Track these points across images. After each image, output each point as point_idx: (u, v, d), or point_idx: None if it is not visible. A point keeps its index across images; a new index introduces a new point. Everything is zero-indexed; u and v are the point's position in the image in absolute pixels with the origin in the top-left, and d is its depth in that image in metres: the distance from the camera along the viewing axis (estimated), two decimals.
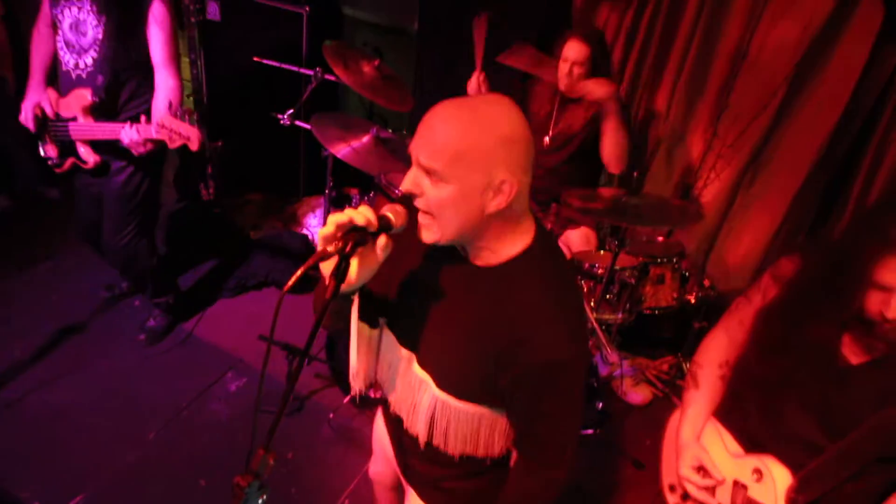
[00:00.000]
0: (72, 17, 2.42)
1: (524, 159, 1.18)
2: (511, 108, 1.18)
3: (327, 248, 1.15)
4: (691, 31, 3.25)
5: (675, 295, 2.90)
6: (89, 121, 2.49)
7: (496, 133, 1.14)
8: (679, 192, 3.51)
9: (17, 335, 3.00)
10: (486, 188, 1.15)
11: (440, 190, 1.16)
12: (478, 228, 1.22)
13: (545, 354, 1.20)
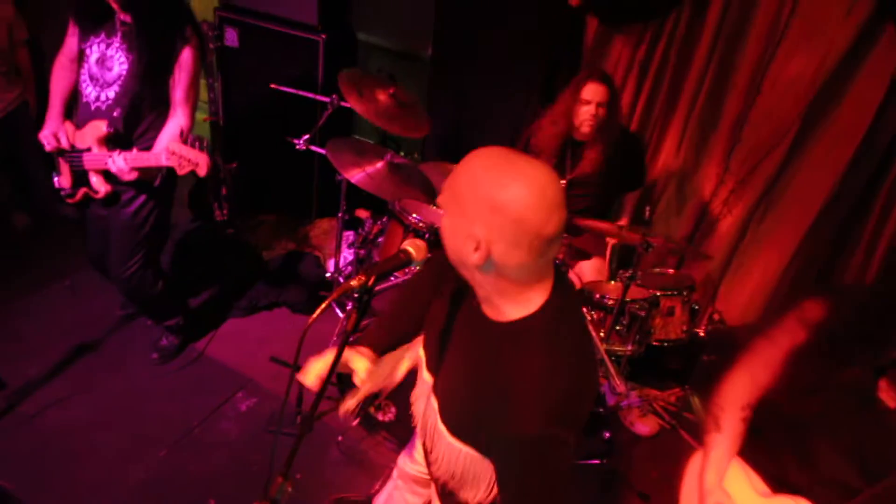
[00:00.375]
0: (99, 52, 2.49)
1: (510, 234, 1.15)
2: (529, 185, 1.14)
3: (351, 282, 1.21)
4: (705, 65, 3.28)
5: (685, 328, 2.91)
6: (103, 151, 2.54)
7: (492, 193, 1.14)
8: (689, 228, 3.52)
9: (33, 352, 3.04)
10: (468, 237, 1.18)
11: (448, 218, 1.25)
12: (471, 274, 1.26)
13: (513, 427, 1.18)
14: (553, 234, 1.16)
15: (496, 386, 1.22)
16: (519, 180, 1.14)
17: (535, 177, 1.15)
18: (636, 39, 3.43)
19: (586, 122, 2.93)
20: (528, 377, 1.19)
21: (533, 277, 1.23)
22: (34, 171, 3.85)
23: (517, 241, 1.15)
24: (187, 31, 2.48)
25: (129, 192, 2.66)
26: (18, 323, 3.21)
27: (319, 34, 3.72)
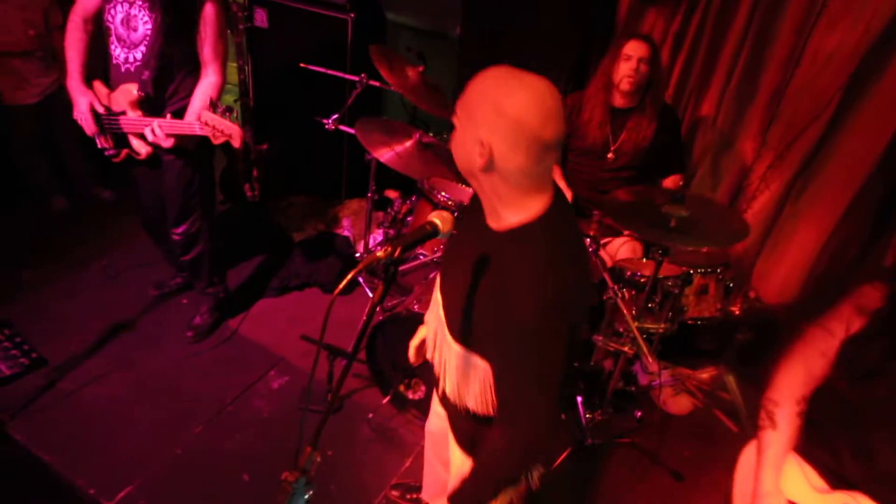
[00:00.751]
0: (123, 13, 2.49)
1: (511, 136, 1.25)
2: (530, 91, 1.25)
3: (377, 253, 1.21)
4: (742, 36, 3.19)
5: (719, 306, 2.85)
6: (138, 114, 2.57)
7: (496, 98, 1.25)
8: (726, 201, 3.45)
9: (73, 331, 3.12)
10: (474, 142, 1.28)
11: (455, 128, 1.34)
12: (478, 183, 1.36)
13: (512, 317, 1.28)
14: (550, 139, 1.26)
15: (497, 285, 1.32)
16: (521, 87, 1.26)
17: (536, 86, 1.26)
18: (670, 11, 3.35)
19: (627, 77, 2.88)
20: (526, 273, 1.28)
21: (532, 184, 1.32)
22: (71, 154, 3.94)
23: (516, 143, 1.25)
24: None
25: (170, 155, 2.70)
26: (58, 302, 3.29)
27: (348, 13, 3.70)
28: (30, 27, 3.42)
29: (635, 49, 2.85)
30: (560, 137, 1.28)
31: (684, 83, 3.46)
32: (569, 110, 3.14)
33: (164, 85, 2.59)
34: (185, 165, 2.75)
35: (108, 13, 2.53)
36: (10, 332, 3.01)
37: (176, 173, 2.76)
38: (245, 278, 3.66)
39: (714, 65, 3.33)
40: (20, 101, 3.56)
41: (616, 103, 3.00)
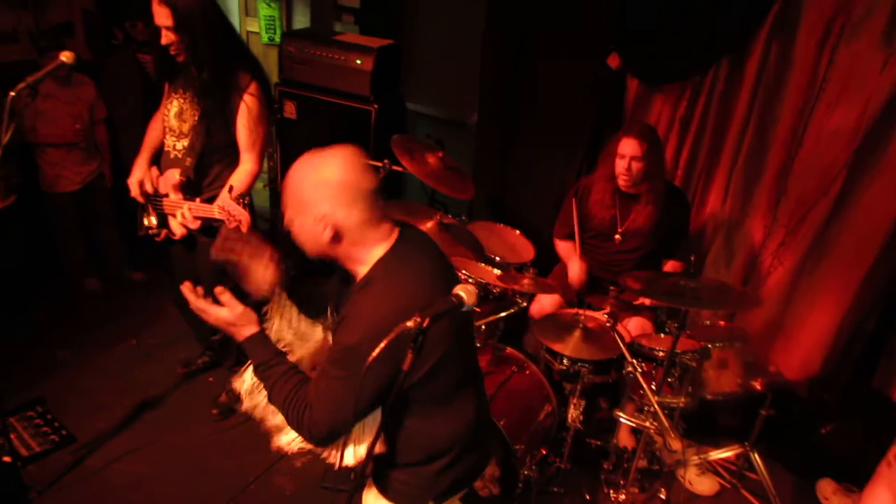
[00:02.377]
0: (177, 107, 2.73)
1: (344, 196, 1.49)
2: (335, 158, 1.51)
3: (407, 323, 1.28)
4: (745, 119, 3.33)
5: (740, 380, 2.86)
6: (178, 197, 2.74)
7: (315, 176, 1.49)
8: (740, 279, 3.50)
9: (102, 407, 3.19)
10: (315, 223, 1.51)
11: (291, 224, 1.57)
12: (332, 253, 1.59)
13: (342, 337, 1.51)
14: (372, 186, 1.53)
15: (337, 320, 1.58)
16: (331, 157, 1.51)
17: (341, 152, 1.52)
18: (676, 97, 3.52)
19: (621, 175, 3.01)
20: (360, 305, 1.53)
21: (375, 233, 1.58)
22: (107, 237, 4.12)
23: (350, 201, 1.50)
24: (250, 82, 2.64)
25: (204, 237, 2.82)
26: (89, 380, 3.37)
27: (372, 104, 3.93)
28: (76, 121, 3.67)
29: (627, 147, 2.96)
30: (377, 183, 1.55)
31: (693, 165, 3.59)
32: (580, 192, 3.27)
33: (204, 172, 2.77)
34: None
35: (165, 107, 2.78)
36: (43, 410, 3.09)
37: (207, 256, 2.88)
38: None
39: (720, 146, 3.46)
40: (63, 189, 3.78)
41: (622, 188, 3.12)
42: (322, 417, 1.57)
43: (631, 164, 2.96)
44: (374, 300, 1.54)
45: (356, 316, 1.52)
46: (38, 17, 3.84)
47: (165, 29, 2.49)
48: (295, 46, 4.03)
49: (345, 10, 4.58)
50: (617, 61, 3.56)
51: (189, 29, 2.48)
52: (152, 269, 4.25)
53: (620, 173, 3.01)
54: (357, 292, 1.58)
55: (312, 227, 1.52)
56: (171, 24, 2.46)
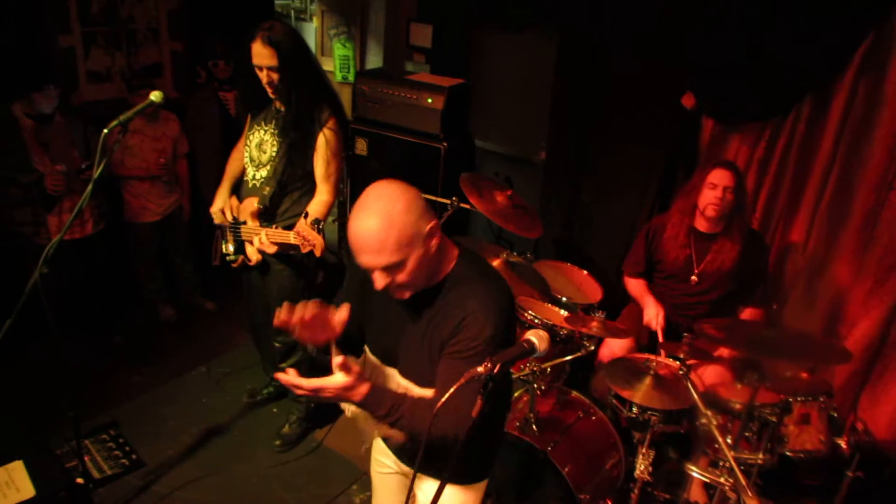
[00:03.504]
0: (258, 138, 2.85)
1: (423, 202, 1.52)
2: (391, 187, 1.50)
3: (478, 369, 1.26)
4: (829, 162, 3.19)
5: (823, 437, 2.68)
6: (255, 224, 2.85)
7: (399, 211, 1.46)
8: (823, 327, 3.32)
9: (171, 433, 3.27)
10: (424, 240, 1.50)
11: (402, 270, 1.50)
12: (432, 268, 1.58)
13: (479, 330, 1.52)
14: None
15: (447, 320, 1.56)
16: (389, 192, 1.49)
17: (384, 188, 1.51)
18: (755, 137, 3.41)
19: (711, 205, 2.92)
20: (468, 299, 1.56)
21: (444, 241, 1.61)
22: (182, 267, 4.28)
23: (426, 218, 1.51)
24: (329, 117, 2.75)
25: (279, 264, 2.93)
26: (160, 406, 3.47)
27: (441, 142, 3.97)
28: (161, 155, 3.85)
29: (721, 178, 2.90)
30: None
31: (771, 208, 3.45)
32: (653, 232, 3.19)
33: (280, 201, 2.88)
34: (289, 276, 2.97)
35: (247, 138, 2.90)
36: (115, 434, 3.19)
37: (280, 282, 2.98)
38: None
39: (802, 189, 3.32)
40: (145, 220, 3.96)
41: (700, 227, 3.03)
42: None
43: (725, 194, 2.90)
44: (483, 289, 1.58)
45: (479, 309, 1.54)
46: (130, 58, 4.08)
47: (268, 69, 2.62)
48: (368, 86, 4.14)
49: (417, 49, 4.68)
50: (692, 101, 3.49)
51: (291, 69, 2.62)
52: (224, 299, 4.38)
53: (711, 203, 2.93)
54: (450, 292, 1.60)
55: (425, 250, 1.52)
56: (275, 65, 2.61)
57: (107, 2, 3.88)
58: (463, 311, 1.55)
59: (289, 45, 2.59)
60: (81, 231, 3.63)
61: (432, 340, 1.60)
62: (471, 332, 1.53)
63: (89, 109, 3.83)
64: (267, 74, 2.64)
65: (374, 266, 1.50)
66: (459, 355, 1.54)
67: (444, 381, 1.55)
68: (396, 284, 1.54)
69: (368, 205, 1.48)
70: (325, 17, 5.42)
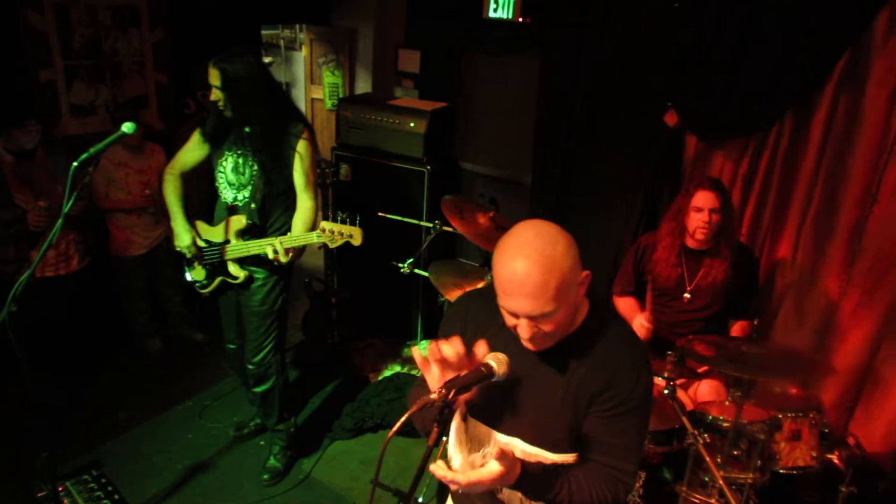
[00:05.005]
0: (233, 162, 2.88)
1: (577, 248, 1.39)
2: (550, 228, 1.38)
3: (431, 396, 1.22)
4: (813, 176, 3.18)
5: (815, 454, 2.63)
6: (241, 242, 2.88)
7: (560, 255, 1.34)
8: (813, 341, 3.27)
9: (155, 471, 3.21)
10: (578, 288, 1.40)
11: (552, 320, 1.37)
12: (573, 316, 1.47)
13: (636, 381, 1.45)
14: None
15: (592, 377, 1.46)
16: (548, 234, 1.37)
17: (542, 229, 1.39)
18: (738, 153, 3.40)
19: (700, 229, 2.91)
20: (616, 352, 1.47)
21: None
22: (170, 299, 4.25)
23: (577, 258, 1.39)
24: (301, 129, 2.83)
25: (259, 279, 2.97)
26: (144, 443, 3.42)
27: (425, 165, 3.97)
28: (146, 188, 3.85)
29: (705, 200, 2.88)
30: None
31: (758, 223, 3.43)
32: (641, 251, 3.17)
33: (266, 216, 2.92)
34: (270, 290, 3.00)
35: (219, 165, 2.92)
36: (97, 474, 3.11)
37: (260, 298, 3.00)
38: (320, 419, 3.71)
39: (787, 203, 3.30)
40: (131, 253, 3.94)
41: (690, 245, 3.01)
42: (638, 459, 1.55)
43: (711, 216, 2.88)
44: (629, 338, 1.54)
45: (630, 359, 1.47)
46: (115, 90, 4.10)
47: (214, 87, 2.72)
48: (350, 111, 4.15)
49: (405, 75, 4.71)
50: (674, 118, 3.49)
51: (235, 89, 2.69)
52: (214, 330, 4.33)
53: (699, 227, 2.91)
54: (594, 342, 1.49)
55: (575, 298, 1.42)
56: (219, 84, 2.70)
57: (89, 35, 3.89)
58: (614, 363, 1.46)
59: (234, 68, 2.67)
60: (67, 267, 3.61)
61: (578, 396, 1.48)
62: (627, 384, 1.44)
63: (73, 143, 3.83)
64: (214, 92, 2.73)
65: (525, 313, 1.36)
66: (618, 409, 1.45)
67: (607, 441, 1.48)
68: (542, 334, 1.40)
69: (525, 244, 1.35)
70: (314, 46, 5.47)
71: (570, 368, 1.49)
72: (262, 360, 3.08)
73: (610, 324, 1.53)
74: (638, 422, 1.49)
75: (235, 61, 2.68)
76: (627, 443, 1.49)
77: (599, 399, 1.46)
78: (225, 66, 2.67)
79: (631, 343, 1.52)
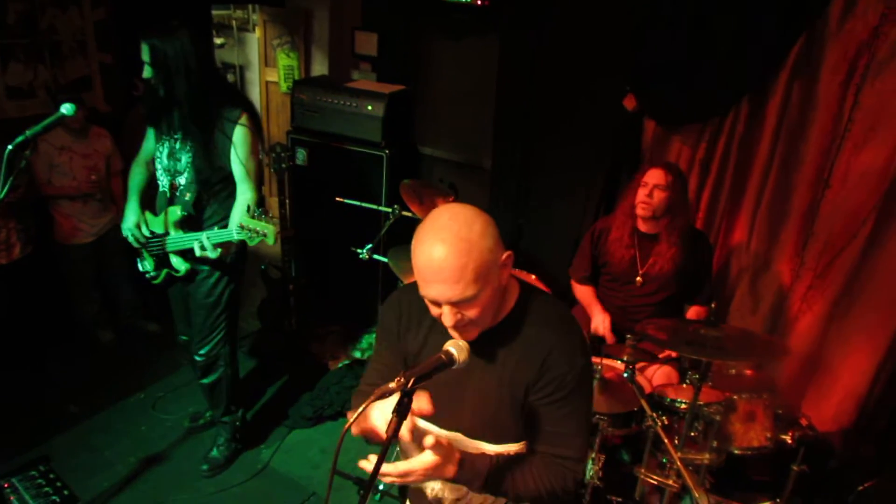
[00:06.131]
0: (169, 148, 2.75)
1: (496, 228, 1.36)
2: (465, 210, 1.35)
3: (389, 384, 1.19)
4: (768, 161, 3.22)
5: (769, 434, 2.69)
6: (179, 234, 2.75)
7: (477, 236, 1.30)
8: (767, 324, 3.35)
9: (107, 465, 3.12)
10: (501, 270, 1.36)
11: (475, 304, 1.34)
12: (500, 299, 1.43)
13: (569, 365, 1.42)
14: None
15: (526, 362, 1.43)
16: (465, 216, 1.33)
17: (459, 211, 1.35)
18: (695, 138, 3.43)
19: (641, 203, 2.93)
20: (548, 334, 1.43)
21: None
22: (120, 288, 4.11)
23: (500, 249, 1.35)
24: (239, 114, 2.67)
25: (204, 271, 2.86)
26: (95, 436, 3.31)
27: (383, 150, 3.91)
28: (92, 173, 3.70)
29: (651, 176, 2.91)
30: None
31: (714, 209, 3.47)
32: (598, 234, 3.18)
33: (202, 206, 2.79)
34: (215, 283, 2.89)
35: (157, 150, 2.80)
36: (46, 469, 3.00)
37: (205, 290, 2.90)
38: (279, 408, 3.64)
39: (743, 188, 3.35)
40: (78, 241, 3.79)
41: (642, 228, 3.02)
42: (584, 443, 1.51)
43: (653, 191, 2.89)
44: (557, 318, 1.49)
45: (561, 341, 1.43)
46: (55, 72, 3.91)
47: (146, 63, 2.58)
48: (307, 94, 4.05)
49: (362, 58, 4.61)
50: (633, 103, 3.50)
51: (163, 66, 2.55)
52: (168, 320, 4.21)
53: (640, 201, 2.92)
54: (522, 328, 1.45)
55: (499, 282, 1.37)
56: (149, 60, 2.56)
57: (23, 11, 3.68)
58: (545, 347, 1.42)
59: (162, 44, 2.53)
60: (7, 256, 3.46)
61: (514, 386, 1.45)
62: (560, 368, 1.41)
63: (11, 127, 3.64)
64: (145, 69, 2.59)
65: (446, 299, 1.31)
66: (555, 396, 1.43)
67: (548, 430, 1.47)
68: (466, 321, 1.36)
69: (440, 228, 1.31)
70: (267, 28, 5.31)
71: (503, 357, 1.46)
72: (208, 353, 3.00)
73: (537, 305, 1.48)
74: (577, 406, 1.46)
75: (165, 37, 2.53)
76: (568, 430, 1.47)
77: (535, 387, 1.44)
78: (154, 41, 2.53)
79: (560, 324, 1.47)
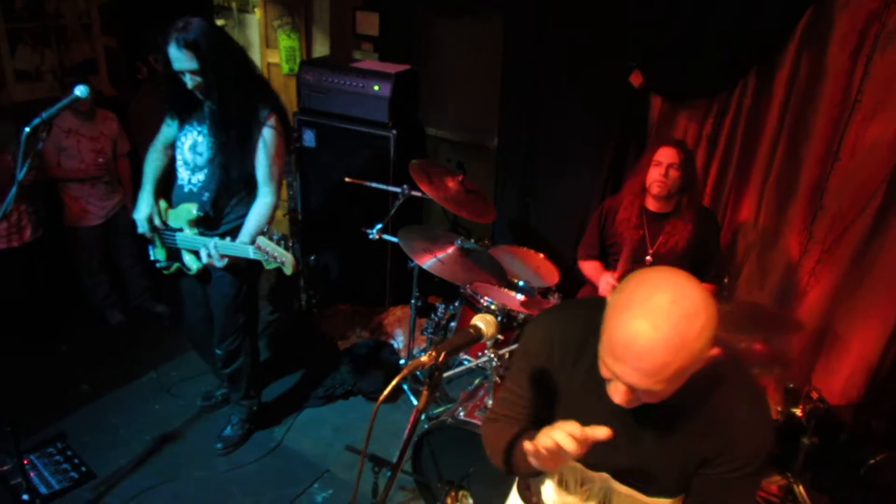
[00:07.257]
0: (191, 140, 2.67)
1: (716, 322, 1.14)
2: (693, 294, 1.13)
3: (421, 358, 1.21)
4: (776, 135, 3.21)
5: (780, 407, 2.71)
6: (194, 232, 2.71)
7: (694, 336, 1.10)
8: (776, 299, 3.35)
9: (122, 443, 3.15)
10: (698, 366, 1.16)
11: (658, 397, 1.18)
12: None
13: (757, 448, 1.29)
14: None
15: (705, 434, 1.29)
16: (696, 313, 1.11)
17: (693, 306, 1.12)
18: (702, 114, 3.42)
19: (656, 182, 2.89)
20: (735, 408, 1.29)
21: None
22: (129, 271, 4.13)
23: (712, 336, 1.15)
24: (269, 115, 2.59)
25: (219, 272, 2.75)
26: (110, 414, 3.35)
27: (390, 130, 3.90)
28: (99, 155, 3.70)
29: (665, 155, 2.88)
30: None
31: (722, 184, 3.47)
32: (605, 214, 3.17)
33: (221, 205, 2.72)
34: (232, 283, 2.82)
35: (178, 140, 2.73)
36: (63, 446, 3.06)
37: (223, 291, 2.85)
38: (291, 387, 3.67)
39: (750, 163, 3.34)
40: (87, 223, 3.80)
41: (651, 207, 3.01)
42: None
43: (668, 171, 2.86)
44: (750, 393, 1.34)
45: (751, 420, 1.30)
46: (61, 55, 3.90)
47: (190, 73, 2.44)
48: (312, 75, 4.03)
49: (364, 38, 4.59)
50: (639, 79, 3.48)
51: (213, 69, 2.43)
52: (176, 302, 4.24)
53: (655, 180, 2.89)
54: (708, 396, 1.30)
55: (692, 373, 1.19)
56: (196, 67, 2.42)
57: None
58: (731, 423, 1.28)
59: (207, 44, 2.39)
60: (19, 239, 3.48)
61: (688, 455, 1.33)
62: (748, 448, 1.29)
63: (21, 111, 3.65)
64: (190, 78, 2.46)
65: (630, 384, 1.16)
66: (735, 475, 1.30)
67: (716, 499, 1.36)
68: (638, 401, 1.22)
69: (656, 309, 1.11)
70: (268, 9, 5.28)
71: (678, 423, 1.31)
72: (228, 347, 3.00)
73: (729, 374, 1.30)
74: (756, 483, 1.39)
75: (202, 35, 2.37)
76: (742, 502, 1.37)
77: (714, 462, 1.31)
78: (196, 41, 2.35)
79: (753, 397, 1.32)
